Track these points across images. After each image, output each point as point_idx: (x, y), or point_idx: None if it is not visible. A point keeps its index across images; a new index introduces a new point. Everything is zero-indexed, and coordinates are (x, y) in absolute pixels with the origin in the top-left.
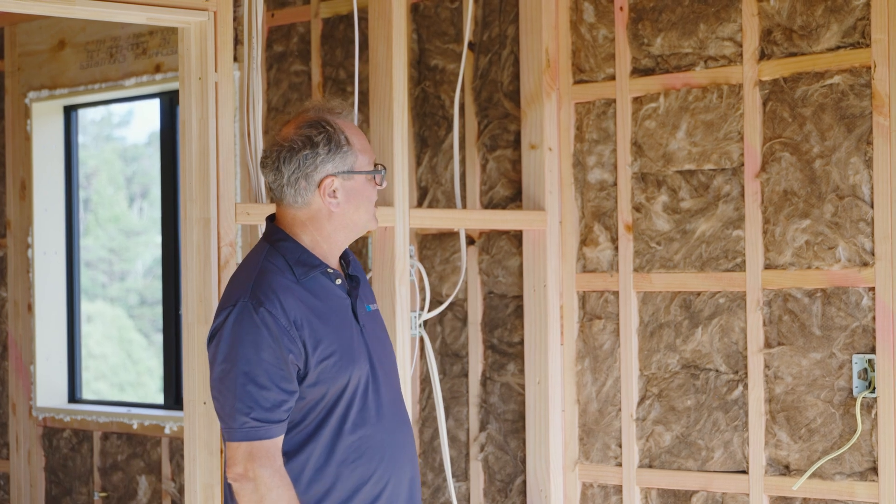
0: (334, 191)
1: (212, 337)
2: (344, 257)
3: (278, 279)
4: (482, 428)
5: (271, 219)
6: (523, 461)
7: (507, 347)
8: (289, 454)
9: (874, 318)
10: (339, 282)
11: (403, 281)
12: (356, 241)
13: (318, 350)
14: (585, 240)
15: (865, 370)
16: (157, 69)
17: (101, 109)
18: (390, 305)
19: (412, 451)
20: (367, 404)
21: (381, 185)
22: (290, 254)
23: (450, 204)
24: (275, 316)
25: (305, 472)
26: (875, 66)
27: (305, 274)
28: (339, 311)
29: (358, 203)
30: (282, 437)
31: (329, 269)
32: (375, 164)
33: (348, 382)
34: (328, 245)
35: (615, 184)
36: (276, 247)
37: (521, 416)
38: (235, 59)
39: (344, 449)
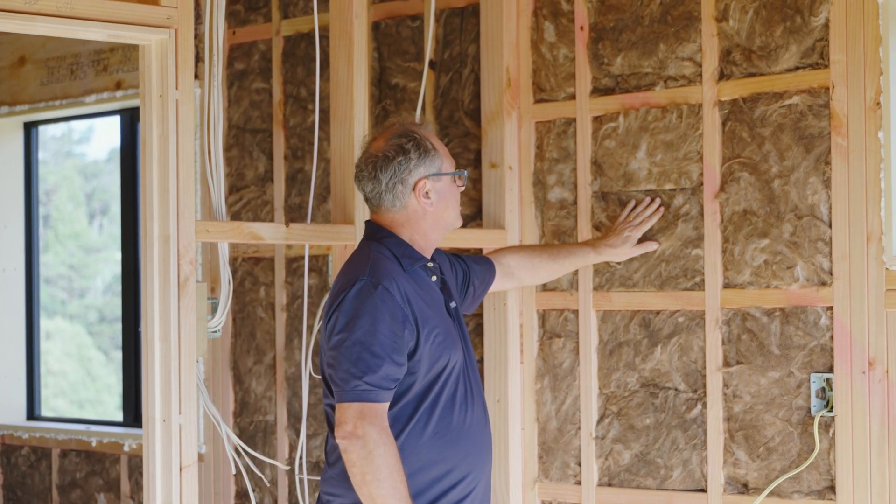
0: (427, 192)
1: (331, 313)
2: (432, 259)
3: (391, 265)
4: None
5: (370, 221)
6: None
7: None
8: (391, 426)
9: (832, 338)
10: (434, 278)
11: None
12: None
13: (427, 327)
14: None
15: (823, 389)
16: (118, 86)
17: (61, 126)
18: None
19: (491, 447)
20: (462, 389)
21: (461, 186)
22: (395, 248)
23: None
24: (391, 294)
25: (400, 443)
26: (833, 87)
27: (411, 265)
28: (438, 303)
29: (447, 202)
30: (388, 404)
31: (429, 264)
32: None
33: (448, 363)
34: (424, 242)
35: (575, 203)
36: (382, 242)
37: None
38: (196, 76)
39: (436, 426)
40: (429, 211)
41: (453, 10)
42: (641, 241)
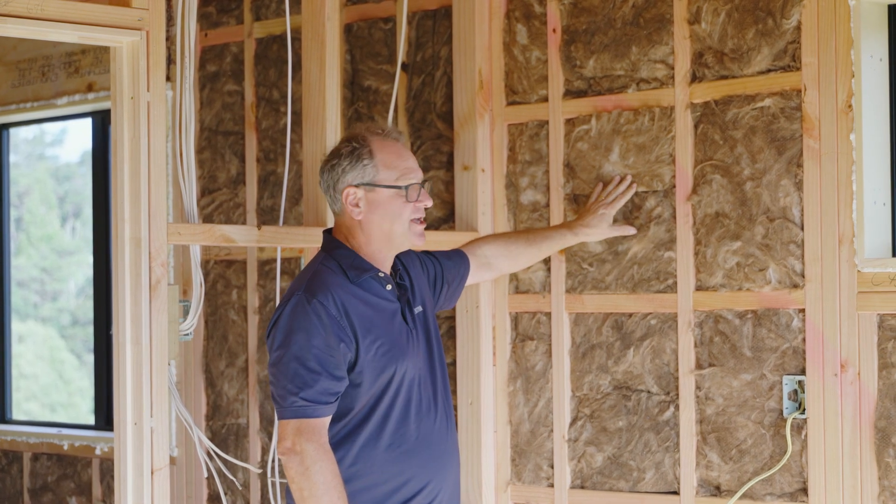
0: (357, 201)
1: (270, 330)
2: (394, 266)
3: (332, 278)
4: None
5: (328, 231)
6: None
7: None
8: (338, 441)
9: (804, 340)
10: (388, 287)
11: None
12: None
13: (368, 339)
14: None
15: (796, 391)
16: (90, 88)
17: (33, 128)
18: None
19: (457, 453)
20: (417, 397)
21: (414, 200)
22: (343, 260)
23: None
24: (326, 307)
25: (349, 459)
26: (805, 90)
27: (358, 276)
28: (388, 312)
29: (383, 215)
30: (328, 418)
31: (380, 274)
32: (423, 182)
33: (394, 374)
34: (368, 251)
35: (548, 205)
36: (332, 254)
37: None
38: (168, 78)
39: (391, 438)
40: (361, 221)
41: (426, 12)
42: (617, 223)
